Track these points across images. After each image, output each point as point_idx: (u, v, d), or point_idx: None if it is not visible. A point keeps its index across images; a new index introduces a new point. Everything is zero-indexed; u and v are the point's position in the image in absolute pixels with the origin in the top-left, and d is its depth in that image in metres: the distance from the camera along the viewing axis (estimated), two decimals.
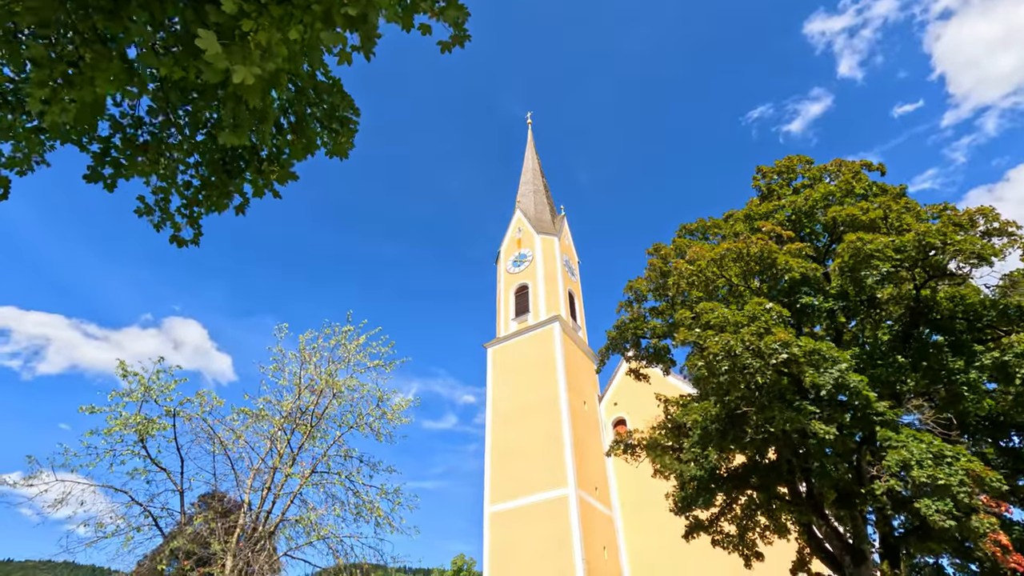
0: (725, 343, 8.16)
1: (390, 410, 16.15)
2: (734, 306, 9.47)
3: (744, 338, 8.12)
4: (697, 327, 9.11)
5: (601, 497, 28.70)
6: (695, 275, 10.04)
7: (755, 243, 9.34)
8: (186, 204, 4.82)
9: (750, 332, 8.17)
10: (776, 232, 9.77)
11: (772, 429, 9.05)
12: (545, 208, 43.69)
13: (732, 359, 8.16)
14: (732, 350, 8.11)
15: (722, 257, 9.82)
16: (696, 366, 8.70)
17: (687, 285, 10.49)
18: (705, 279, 9.99)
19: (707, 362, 8.51)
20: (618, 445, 17.37)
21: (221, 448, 15.12)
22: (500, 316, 36.70)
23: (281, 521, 14.81)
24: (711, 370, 8.45)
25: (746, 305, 9.00)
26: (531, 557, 25.21)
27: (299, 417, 15.58)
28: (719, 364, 8.22)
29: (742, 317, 8.61)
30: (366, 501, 15.02)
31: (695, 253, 10.73)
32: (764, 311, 8.56)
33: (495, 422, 31.31)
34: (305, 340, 16.24)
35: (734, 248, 9.60)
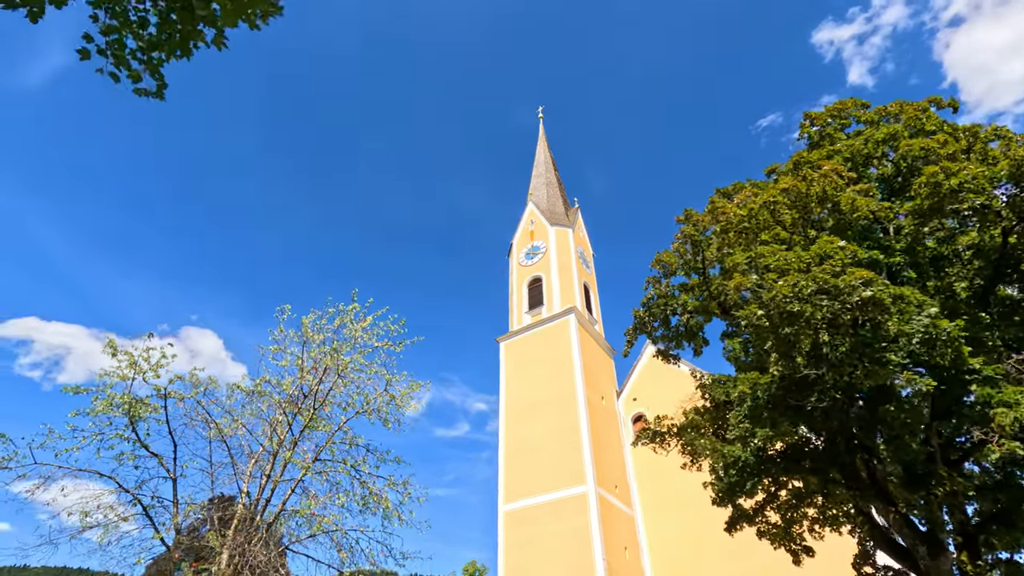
0: (794, 284, 6.89)
1: (399, 395, 14.97)
2: (798, 247, 8.22)
3: (817, 276, 6.86)
4: (754, 272, 7.87)
5: (621, 495, 27.27)
6: (745, 222, 8.79)
7: (816, 181, 8.07)
8: (143, 48, 3.73)
9: (823, 271, 6.92)
10: (838, 171, 8.50)
11: (838, 396, 7.78)
12: (558, 200, 42.53)
13: (803, 303, 6.88)
14: (802, 292, 6.83)
15: (775, 202, 8.56)
16: (752, 320, 7.43)
17: (735, 234, 9.22)
18: (756, 226, 8.73)
19: (769, 312, 7.25)
20: (646, 433, 16.05)
21: (217, 432, 14.03)
22: (513, 309, 35.50)
23: (281, 511, 13.67)
24: (774, 321, 7.20)
25: (812, 246, 7.74)
26: (548, 556, 23.85)
27: (301, 401, 14.47)
28: (787, 310, 6.95)
29: (810, 256, 7.36)
30: (373, 491, 13.82)
31: (744, 198, 9.50)
32: (837, 249, 7.29)
33: (509, 418, 30.03)
34: (309, 321, 15.11)
35: (793, 187, 8.31)
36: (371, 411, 14.90)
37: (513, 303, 35.84)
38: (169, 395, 12.93)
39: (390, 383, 15.06)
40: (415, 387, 15.28)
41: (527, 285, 35.96)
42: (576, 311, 31.67)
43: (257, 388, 13.30)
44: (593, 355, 31.79)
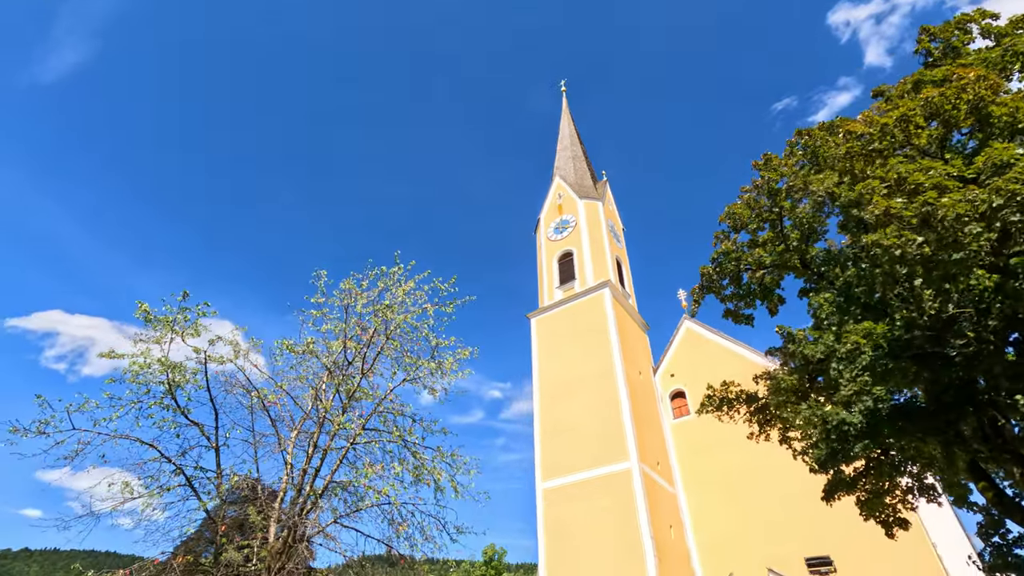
0: (972, 199, 5.71)
1: (446, 361, 14.00)
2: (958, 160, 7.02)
3: (1000, 188, 5.67)
4: (899, 195, 6.71)
5: (663, 472, 26.33)
6: (876, 141, 7.56)
7: (970, 85, 6.80)
8: None
9: (1007, 181, 5.72)
10: (985, 77, 7.21)
11: (991, 339, 6.66)
12: (586, 173, 41.17)
13: (978, 223, 5.71)
14: (978, 209, 5.61)
15: (908, 117, 7.32)
16: (912, 249, 6.23)
17: (862, 159, 7.98)
18: (891, 145, 7.51)
19: (932, 237, 6.05)
20: (711, 401, 14.98)
21: (259, 400, 13.21)
22: (543, 285, 34.41)
23: (330, 483, 12.84)
24: (943, 244, 6.00)
25: (977, 157, 6.55)
26: (591, 533, 23.02)
27: (346, 368, 13.57)
28: (959, 232, 5.78)
29: (976, 170, 6.17)
30: (424, 462, 12.92)
31: (868, 116, 8.28)
32: (1018, 156, 6.08)
33: (543, 395, 29.11)
34: (347, 287, 14.12)
35: (937, 97, 7.05)
36: (418, 379, 14.01)
37: (543, 278, 34.75)
38: (209, 359, 12.09)
39: (436, 349, 14.14)
40: (463, 353, 14.31)
41: (557, 260, 34.83)
42: (611, 284, 30.53)
43: (308, 348, 12.35)
44: (628, 330, 30.69)
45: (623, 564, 21.59)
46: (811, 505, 23.68)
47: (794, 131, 13.38)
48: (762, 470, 25.57)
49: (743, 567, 23.72)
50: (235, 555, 11.89)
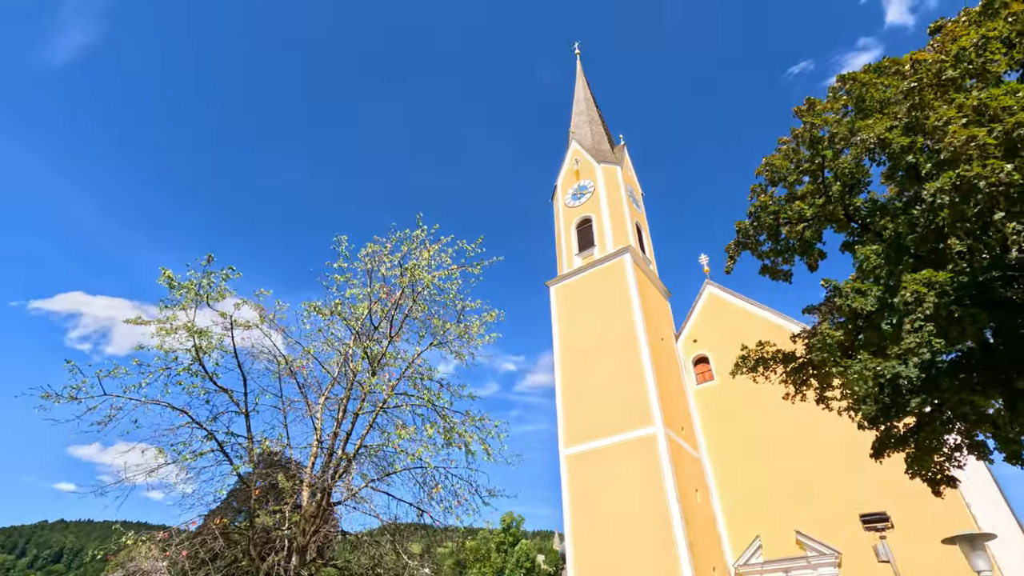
0: None
1: (473, 325, 13.68)
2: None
3: None
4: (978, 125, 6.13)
5: (687, 438, 26.16)
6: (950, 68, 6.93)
7: None
8: None
9: None
10: None
11: None
12: (603, 138, 40.14)
13: None
14: None
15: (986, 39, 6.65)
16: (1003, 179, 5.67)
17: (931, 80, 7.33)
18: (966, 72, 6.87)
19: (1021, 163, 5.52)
20: (745, 362, 14.57)
21: (285, 365, 13.06)
22: (561, 252, 33.89)
23: (361, 447, 12.74)
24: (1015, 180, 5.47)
25: None
26: (617, 498, 23.02)
27: (372, 332, 13.33)
28: None
29: None
30: (455, 425, 12.71)
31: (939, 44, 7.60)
32: None
33: (564, 362, 28.90)
34: (370, 251, 13.76)
35: None
36: (444, 343, 13.73)
37: (561, 245, 34.21)
38: (235, 324, 11.88)
39: (463, 312, 13.82)
40: (489, 317, 13.98)
41: (575, 226, 34.21)
42: (631, 250, 29.92)
43: (335, 309, 12.08)
44: (650, 295, 30.19)
45: (649, 528, 21.59)
46: (837, 467, 23.49)
47: (835, 77, 12.62)
48: (787, 434, 25.30)
49: (770, 530, 23.67)
50: (267, 520, 11.91)
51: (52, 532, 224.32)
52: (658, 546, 20.94)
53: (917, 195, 10.38)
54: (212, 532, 10.84)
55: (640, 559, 20.97)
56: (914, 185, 11.02)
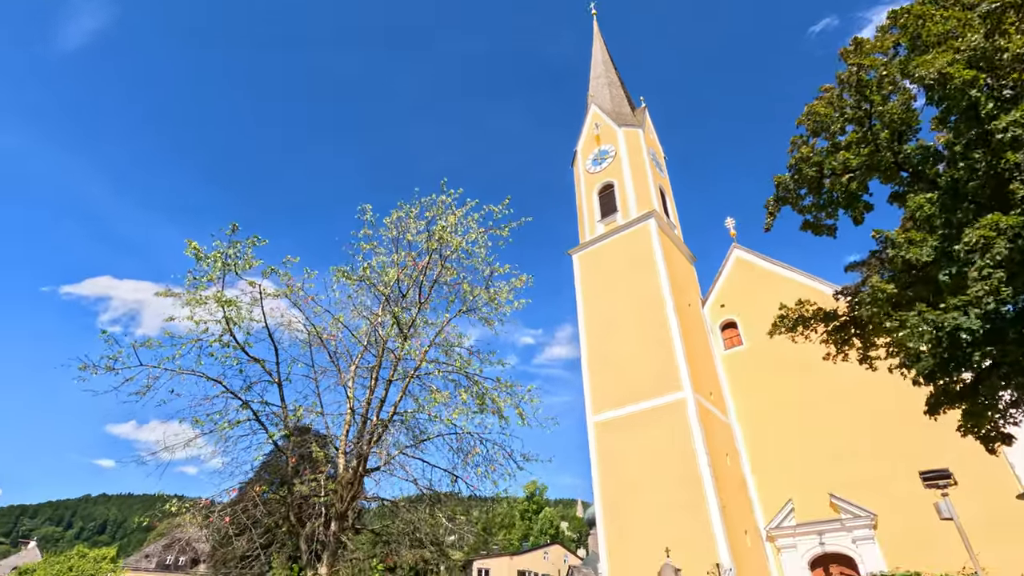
0: None
1: (502, 291, 13.37)
2: None
3: None
4: None
5: (716, 403, 25.87)
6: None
7: None
8: None
9: None
10: None
11: None
12: (623, 101, 38.98)
13: None
14: None
15: None
16: None
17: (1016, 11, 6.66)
18: None
19: None
20: (784, 321, 14.11)
21: (315, 335, 12.98)
22: (583, 220, 33.29)
23: (395, 414, 12.70)
24: None
25: None
26: (647, 464, 22.97)
27: (400, 300, 13.12)
28: None
29: None
30: (487, 391, 12.55)
31: None
32: None
33: (589, 330, 28.63)
34: (396, 218, 13.44)
35: None
36: (473, 310, 13.48)
37: (583, 212, 33.58)
38: (264, 293, 11.75)
39: (491, 277, 13.48)
40: (518, 282, 13.66)
41: (597, 193, 33.49)
42: (656, 214, 29.23)
43: (364, 274, 11.88)
44: (675, 261, 29.59)
45: (680, 492, 21.53)
46: (871, 430, 23.04)
47: (886, 14, 11.77)
48: (819, 397, 24.85)
49: (802, 493, 23.46)
50: (304, 488, 11.99)
51: (95, 505, 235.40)
52: (690, 510, 20.89)
53: (980, 136, 9.70)
54: (252, 499, 10.95)
55: (671, 523, 20.96)
56: (972, 127, 10.31)
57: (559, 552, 55.33)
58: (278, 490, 12.21)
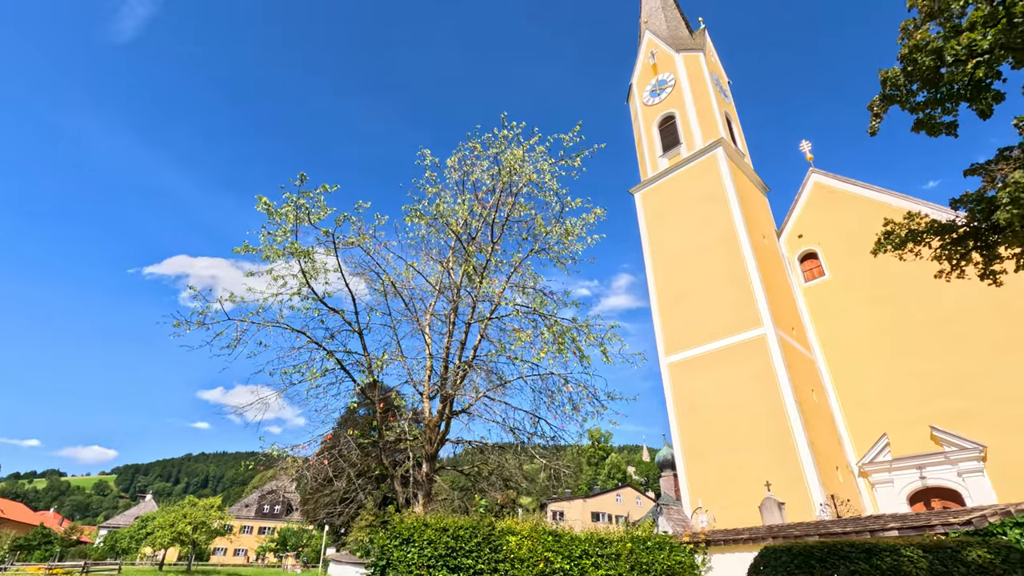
0: None
1: (576, 226, 12.65)
2: None
3: None
4: None
5: (799, 338, 24.53)
6: None
7: None
8: None
9: None
10: None
11: None
12: (679, 24, 36.16)
13: None
14: None
15: None
16: None
17: None
18: None
19: None
20: (890, 239, 12.73)
21: (390, 283, 12.87)
22: (644, 156, 31.63)
23: (475, 357, 12.56)
24: None
25: None
26: (727, 403, 22.24)
27: (470, 243, 12.72)
28: None
29: None
30: (568, 329, 12.07)
31: None
32: None
33: (657, 270, 27.58)
34: (457, 159, 12.84)
35: None
36: (545, 249, 12.89)
37: (642, 149, 31.88)
38: (339, 244, 11.63)
39: (563, 212, 12.74)
40: (590, 218, 12.89)
41: (657, 126, 31.61)
42: (723, 143, 27.29)
43: (437, 211, 11.51)
44: (747, 191, 27.73)
45: (765, 430, 20.76)
46: (976, 357, 21.18)
47: None
48: (914, 326, 23.06)
49: (898, 427, 22.13)
50: (389, 435, 12.13)
51: (196, 463, 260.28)
52: (776, 448, 20.15)
53: None
54: (347, 443, 11.19)
55: (757, 463, 20.33)
56: None
57: (631, 494, 56.06)
58: (368, 435, 12.47)
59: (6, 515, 68.47)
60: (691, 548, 8.69)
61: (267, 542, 65.97)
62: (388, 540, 6.81)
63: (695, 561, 8.59)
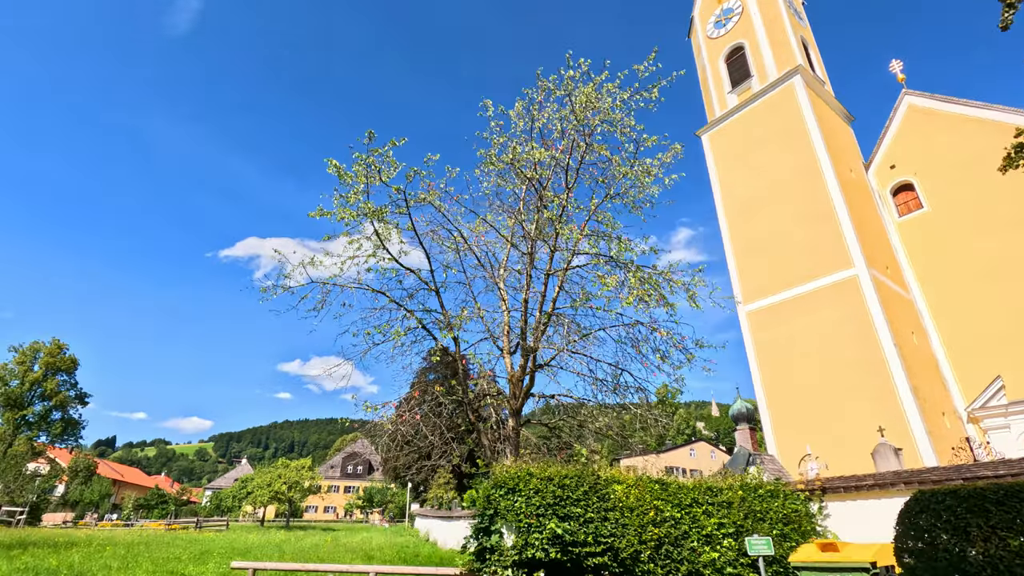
0: None
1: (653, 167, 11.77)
2: None
3: None
4: None
5: (894, 278, 22.63)
6: None
7: None
8: None
9: None
10: None
11: None
12: None
13: None
14: None
15: None
16: None
17: None
18: None
19: None
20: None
21: (462, 239, 12.62)
22: (710, 95, 29.54)
23: (555, 309, 12.22)
24: None
25: None
26: (815, 351, 20.96)
27: (542, 191, 12.17)
28: None
29: None
30: (652, 274, 11.40)
31: None
32: None
33: (730, 215, 26.04)
34: (520, 108, 12.16)
35: None
36: (619, 195, 12.12)
37: (708, 86, 29.76)
38: (410, 201, 11.40)
39: (637, 153, 11.84)
40: (666, 157, 11.96)
41: (724, 60, 29.32)
42: (801, 70, 24.96)
43: (513, 154, 11.04)
44: (829, 122, 25.40)
45: (860, 377, 19.44)
46: None
47: None
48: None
49: (1014, 369, 20.15)
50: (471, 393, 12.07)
51: (282, 430, 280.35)
52: (874, 395, 18.85)
53: None
54: (436, 398, 11.24)
55: (852, 412, 19.12)
56: None
57: (705, 448, 55.27)
58: (452, 393, 12.48)
59: (126, 479, 76.48)
60: (806, 496, 8.13)
61: (354, 500, 70.37)
62: (493, 490, 6.67)
63: (810, 509, 8.04)
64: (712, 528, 7.18)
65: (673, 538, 6.96)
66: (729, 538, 7.18)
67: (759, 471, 8.53)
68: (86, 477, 58.82)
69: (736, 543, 7.18)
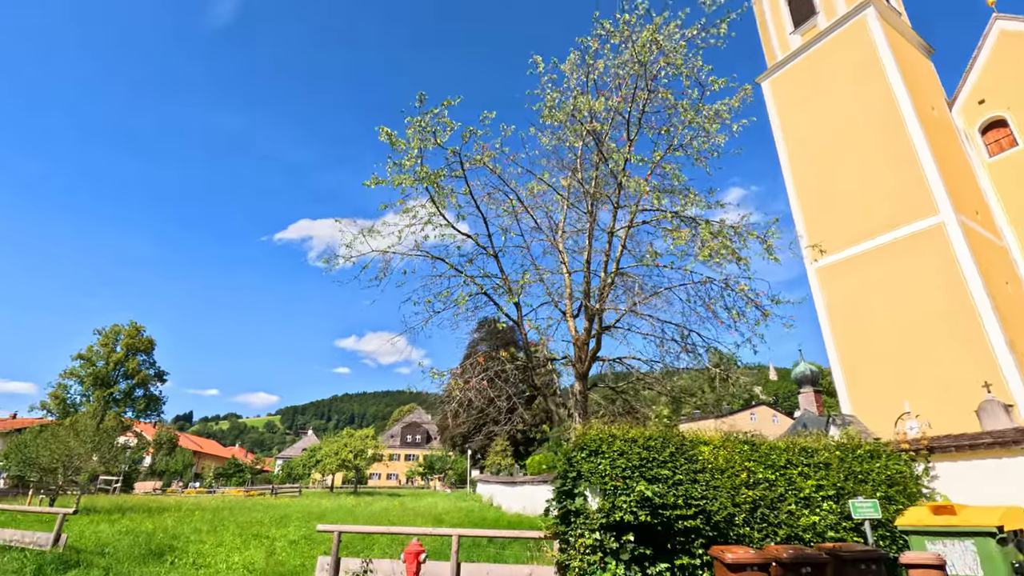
0: None
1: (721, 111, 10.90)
2: None
3: None
4: None
5: (984, 224, 20.72)
6: None
7: None
8: None
9: None
10: None
11: None
12: None
13: None
14: None
15: None
16: None
17: None
18: None
19: None
20: None
21: (518, 203, 12.23)
22: (770, 38, 27.47)
23: (618, 271, 11.72)
24: None
25: None
26: (894, 305, 19.57)
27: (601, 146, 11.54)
28: None
29: None
30: (723, 227, 10.69)
31: None
32: None
33: (795, 165, 24.39)
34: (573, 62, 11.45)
35: None
36: (683, 146, 11.33)
37: (767, 28, 27.67)
38: (465, 164, 11.06)
39: (702, 99, 10.97)
40: (734, 102, 11.05)
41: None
42: (874, 0, 22.74)
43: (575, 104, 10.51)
44: (907, 56, 23.16)
45: (947, 333, 18.04)
46: None
47: None
48: None
49: None
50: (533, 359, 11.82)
51: (342, 402, 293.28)
52: (964, 350, 17.47)
53: None
54: (500, 363, 11.09)
55: (940, 369, 17.80)
56: None
57: (766, 412, 53.78)
58: (515, 358, 12.30)
59: (204, 450, 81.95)
60: (909, 456, 7.50)
61: (415, 467, 72.94)
62: (575, 452, 6.42)
63: (915, 470, 7.42)
64: (810, 490, 6.71)
65: (769, 501, 6.55)
66: (829, 500, 6.71)
67: (853, 431, 7.93)
68: (169, 449, 63.35)
69: (837, 506, 6.70)
